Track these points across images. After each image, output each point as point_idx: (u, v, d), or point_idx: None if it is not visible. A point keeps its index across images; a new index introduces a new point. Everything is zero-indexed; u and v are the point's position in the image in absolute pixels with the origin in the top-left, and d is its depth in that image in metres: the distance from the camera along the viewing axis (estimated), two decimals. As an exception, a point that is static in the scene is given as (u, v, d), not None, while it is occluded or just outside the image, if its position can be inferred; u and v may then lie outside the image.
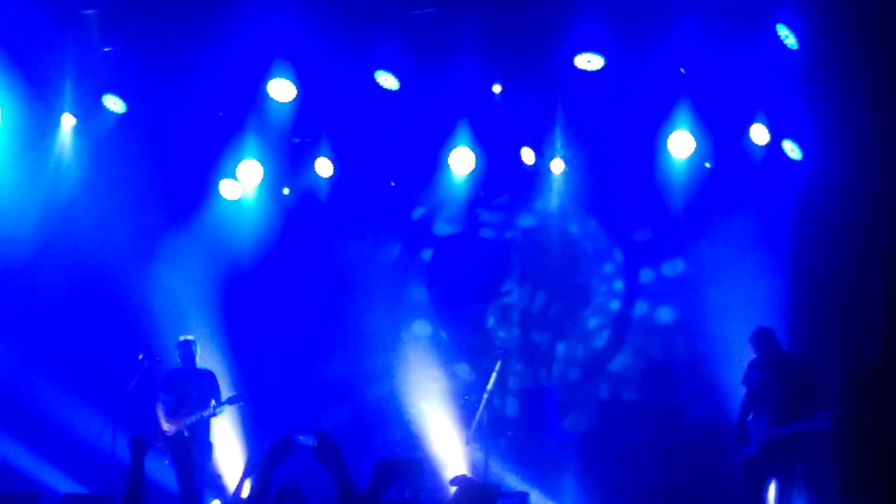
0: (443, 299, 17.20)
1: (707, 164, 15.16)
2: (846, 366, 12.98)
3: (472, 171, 15.81)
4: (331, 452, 6.88)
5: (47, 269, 15.38)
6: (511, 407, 16.34)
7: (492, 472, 13.80)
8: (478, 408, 13.74)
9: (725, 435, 13.74)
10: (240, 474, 10.91)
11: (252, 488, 6.58)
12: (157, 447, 13.98)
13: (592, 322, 16.58)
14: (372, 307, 16.86)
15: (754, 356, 12.86)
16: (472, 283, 17.08)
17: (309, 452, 7.02)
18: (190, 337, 14.58)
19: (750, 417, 12.66)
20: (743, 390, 12.83)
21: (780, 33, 13.22)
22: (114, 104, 15.24)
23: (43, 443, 14.78)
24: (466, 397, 14.89)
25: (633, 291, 16.42)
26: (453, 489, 7.45)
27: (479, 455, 13.85)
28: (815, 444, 12.25)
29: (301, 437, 7.00)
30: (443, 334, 17.07)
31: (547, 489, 14.42)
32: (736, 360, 13.41)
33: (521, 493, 12.23)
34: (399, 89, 14.70)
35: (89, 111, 15.37)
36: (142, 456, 8.11)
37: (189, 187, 16.33)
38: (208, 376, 14.49)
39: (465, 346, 16.96)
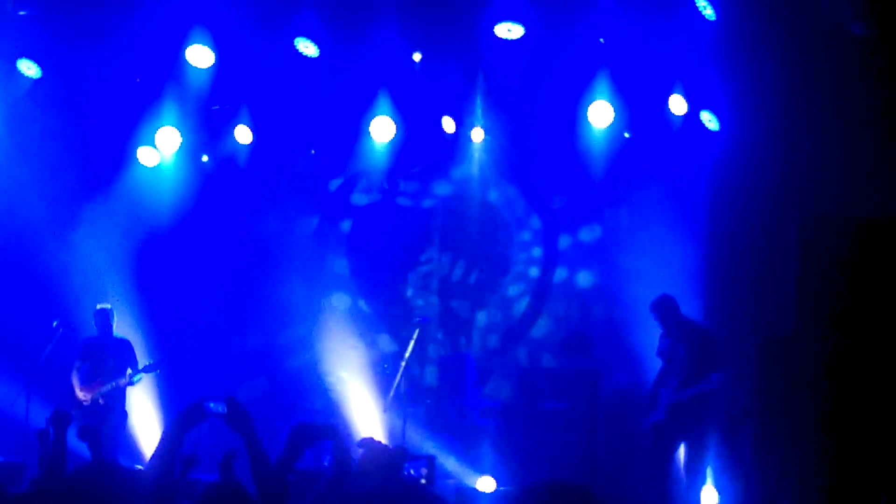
0: (362, 269, 17.17)
1: (626, 135, 15.24)
2: (759, 334, 13.12)
3: (392, 139, 15.80)
4: (241, 420, 6.84)
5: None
6: (430, 375, 16.39)
7: (409, 439, 13.80)
8: (395, 376, 13.78)
9: (642, 401, 13.85)
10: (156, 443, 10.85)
11: (159, 455, 6.51)
12: (73, 416, 13.84)
13: (512, 289, 16.67)
14: (291, 278, 16.78)
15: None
16: (392, 253, 17.06)
17: (220, 420, 6.95)
18: (107, 305, 14.45)
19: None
20: (659, 362, 12.90)
21: (698, 4, 13.32)
22: (28, 69, 15.02)
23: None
24: (385, 366, 14.94)
25: (552, 258, 16.49)
26: (360, 451, 7.44)
27: (397, 423, 13.84)
28: (715, 406, 12.38)
29: (211, 405, 6.92)
30: (362, 304, 17.05)
31: (465, 457, 14.45)
32: (653, 326, 13.53)
33: (428, 456, 12.21)
34: (319, 57, 14.65)
35: (3, 76, 15.13)
36: (64, 429, 8.11)
37: (106, 154, 16.10)
38: (125, 345, 14.39)
39: (386, 317, 16.97)
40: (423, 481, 11.77)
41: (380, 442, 7.53)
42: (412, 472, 11.48)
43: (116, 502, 4.51)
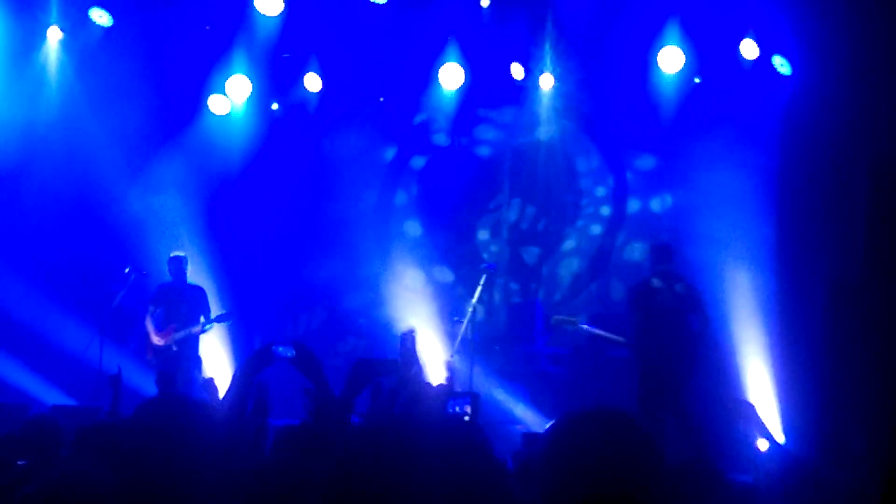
0: (433, 207, 17.16)
1: (697, 80, 15.14)
2: (829, 278, 13.12)
3: (462, 86, 15.81)
4: (309, 362, 6.90)
5: (35, 184, 15.32)
6: (499, 322, 16.41)
7: (477, 385, 13.88)
8: (462, 321, 13.84)
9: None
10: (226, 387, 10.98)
11: (229, 398, 6.59)
12: (147, 360, 14.08)
13: (583, 233, 16.60)
14: (361, 211, 16.85)
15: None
16: (462, 196, 17.06)
17: (287, 363, 7.03)
18: (181, 253, 14.60)
19: None
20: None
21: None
22: (100, 17, 15.16)
23: (31, 355, 14.79)
24: (455, 318, 14.84)
25: (622, 193, 16.45)
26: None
27: (465, 368, 13.90)
28: None
29: (280, 349, 7.00)
30: (438, 274, 17.07)
31: (534, 403, 14.52)
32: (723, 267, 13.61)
33: (472, 392, 12.13)
34: (387, 4, 14.66)
35: (76, 24, 15.28)
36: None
37: (178, 102, 16.23)
38: (199, 291, 14.54)
39: (455, 254, 16.99)
40: (466, 418, 11.81)
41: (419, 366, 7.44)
42: (457, 408, 11.50)
43: (186, 435, 4.57)
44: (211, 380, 8.46)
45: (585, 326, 13.80)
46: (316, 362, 6.86)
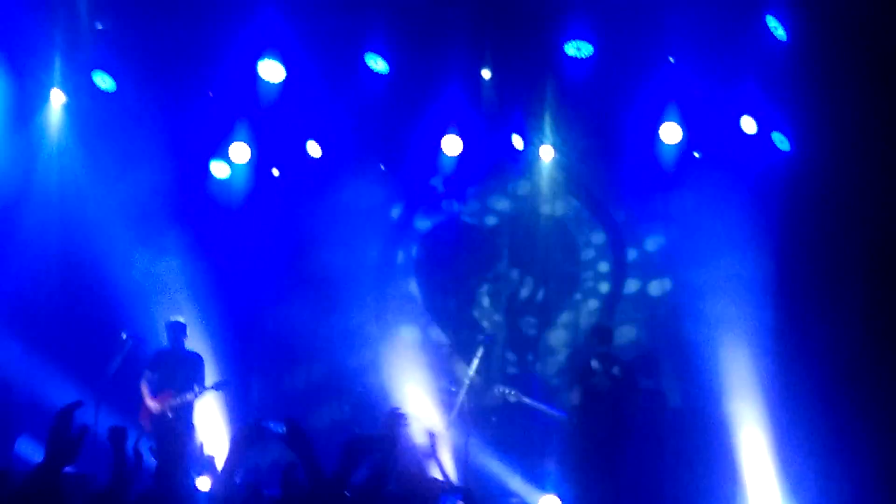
0: (431, 292, 17.13)
1: (696, 154, 15.17)
2: (829, 353, 13.19)
3: (463, 154, 15.86)
4: (299, 440, 6.89)
5: (33, 248, 15.31)
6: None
7: (473, 457, 13.84)
8: (459, 392, 13.84)
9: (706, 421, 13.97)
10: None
11: (220, 475, 6.58)
12: (140, 427, 14.02)
13: (582, 306, 16.57)
14: (362, 268, 16.85)
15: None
16: (459, 272, 17.02)
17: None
18: (180, 319, 14.60)
19: None
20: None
21: (769, 24, 13.24)
22: (103, 82, 15.22)
23: (26, 420, 14.73)
24: (453, 388, 14.81)
25: (620, 271, 16.43)
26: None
27: (461, 441, 13.84)
28: None
29: (271, 424, 6.97)
30: (433, 332, 17.00)
31: (530, 475, 14.45)
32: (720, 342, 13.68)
33: (465, 489, 12.06)
34: (388, 73, 14.73)
35: (79, 88, 15.34)
36: (122, 444, 8.15)
37: (179, 167, 16.23)
38: (196, 358, 14.53)
39: (452, 324, 16.94)
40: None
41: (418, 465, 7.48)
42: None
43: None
44: (205, 450, 8.43)
45: (527, 400, 14.37)
46: (306, 440, 6.84)
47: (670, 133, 14.63)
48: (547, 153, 16.00)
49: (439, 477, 9.59)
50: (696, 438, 14.28)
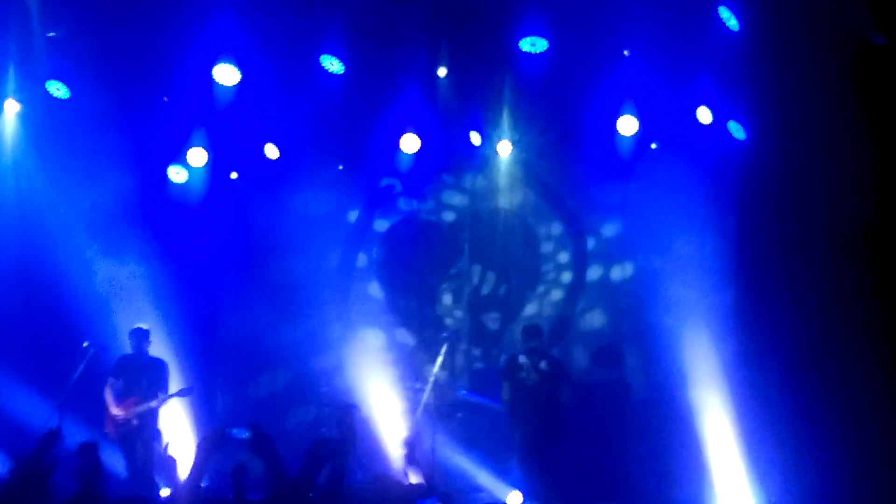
0: (393, 294, 17.16)
1: (653, 145, 15.25)
2: (788, 341, 13.30)
3: (420, 152, 15.89)
4: (264, 444, 6.91)
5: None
6: (461, 388, 16.34)
7: (439, 453, 13.87)
8: (424, 389, 13.90)
9: (671, 413, 14.05)
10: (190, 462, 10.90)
11: (185, 481, 6.58)
12: (105, 435, 13.96)
13: (544, 298, 16.61)
14: (323, 272, 16.88)
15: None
16: (425, 260, 17.05)
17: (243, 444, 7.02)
18: (144, 326, 14.56)
19: None
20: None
21: (722, 15, 13.32)
22: (57, 90, 15.14)
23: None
24: (417, 385, 14.84)
25: (581, 259, 16.50)
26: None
27: (428, 438, 13.87)
28: None
29: (234, 430, 6.99)
30: (399, 334, 17.01)
31: (496, 471, 14.47)
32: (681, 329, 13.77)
33: (442, 492, 12.11)
34: (344, 73, 14.74)
35: (33, 97, 15.26)
36: (95, 458, 8.18)
37: (136, 173, 16.18)
38: (160, 365, 14.48)
39: (416, 324, 16.96)
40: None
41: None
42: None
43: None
44: (171, 457, 8.40)
45: (464, 393, 15.07)
46: (270, 444, 6.87)
47: (627, 125, 14.72)
48: (505, 149, 16.06)
49: (417, 480, 9.61)
50: (661, 427, 14.35)
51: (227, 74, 14.68)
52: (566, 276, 16.58)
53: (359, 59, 14.67)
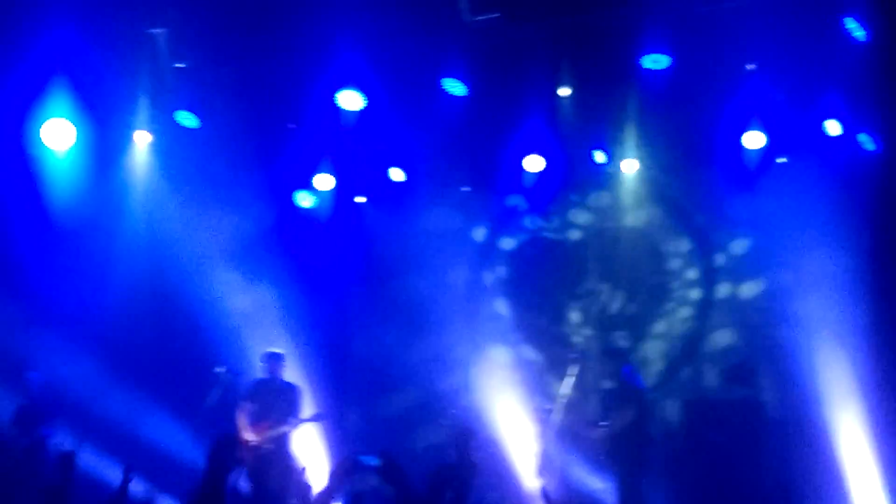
0: (521, 313, 17.15)
1: (782, 159, 15.09)
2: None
3: (545, 171, 15.88)
4: (394, 471, 6.95)
5: (127, 287, 15.53)
6: (593, 409, 16.25)
7: (572, 475, 13.83)
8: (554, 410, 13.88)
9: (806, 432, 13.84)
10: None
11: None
12: (237, 458, 14.10)
13: (674, 315, 16.49)
14: (450, 330, 16.89)
15: None
16: (552, 279, 17.03)
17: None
18: (278, 350, 14.70)
19: None
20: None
21: (848, 25, 13.10)
22: (186, 120, 15.43)
23: (127, 454, 14.89)
24: (547, 407, 14.77)
25: (710, 277, 16.34)
26: None
27: (559, 459, 13.84)
28: None
29: (365, 458, 7.06)
30: (525, 351, 16.99)
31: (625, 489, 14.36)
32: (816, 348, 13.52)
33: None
34: (467, 96, 14.79)
35: (163, 127, 15.57)
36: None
37: (265, 199, 16.43)
38: (294, 389, 14.58)
39: (543, 341, 16.92)
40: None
41: None
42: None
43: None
44: (307, 483, 8.47)
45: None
46: (400, 471, 6.91)
47: (753, 140, 14.56)
48: (630, 166, 16.00)
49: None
50: (796, 447, 14.11)
51: (351, 100, 14.82)
52: (695, 294, 16.44)
53: (481, 81, 14.70)
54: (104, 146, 15.29)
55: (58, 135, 14.58)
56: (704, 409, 15.20)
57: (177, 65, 14.97)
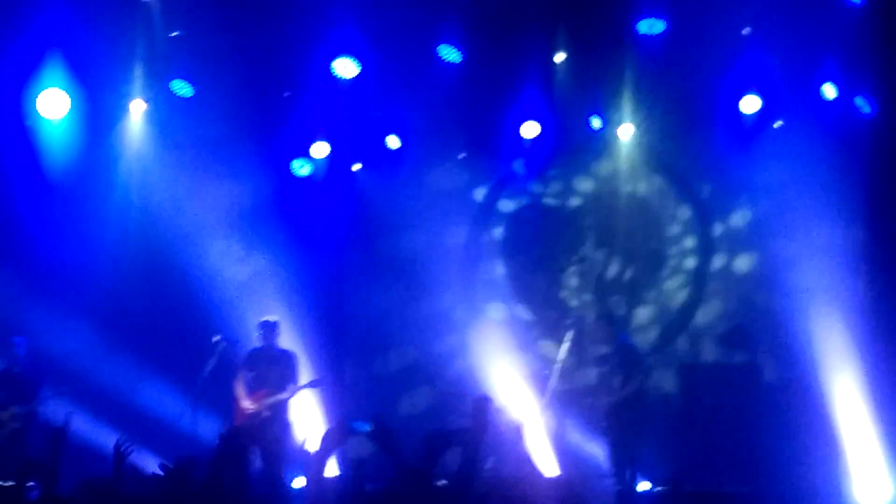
0: (517, 275, 17.14)
1: (777, 124, 15.06)
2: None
3: (538, 139, 15.86)
4: (386, 437, 6.95)
5: (122, 256, 15.52)
6: (589, 375, 16.28)
7: (568, 440, 13.86)
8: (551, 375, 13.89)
9: (803, 396, 13.85)
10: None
11: (310, 473, 6.68)
12: (237, 427, 14.12)
13: (669, 283, 16.49)
14: (446, 290, 16.88)
15: None
16: (545, 255, 17.02)
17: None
18: (273, 317, 14.66)
19: None
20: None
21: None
22: (181, 88, 15.40)
23: (123, 425, 14.92)
24: (546, 372, 14.79)
25: (707, 246, 16.34)
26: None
27: (555, 424, 13.87)
28: None
29: (357, 424, 7.06)
30: (520, 311, 16.99)
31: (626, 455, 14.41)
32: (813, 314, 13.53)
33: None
34: (461, 62, 14.77)
35: (158, 95, 15.53)
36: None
37: (260, 167, 16.39)
38: (290, 356, 14.56)
39: (543, 320, 16.91)
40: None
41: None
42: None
43: None
44: (306, 450, 8.46)
45: None
46: (392, 437, 6.91)
47: (750, 104, 14.54)
48: (626, 132, 15.95)
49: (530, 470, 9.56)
50: (794, 410, 14.12)
51: (346, 68, 14.80)
52: (690, 262, 16.42)
53: (476, 48, 14.68)
54: (100, 115, 15.29)
55: (53, 104, 14.58)
56: (701, 374, 15.22)
57: (172, 33, 14.95)
